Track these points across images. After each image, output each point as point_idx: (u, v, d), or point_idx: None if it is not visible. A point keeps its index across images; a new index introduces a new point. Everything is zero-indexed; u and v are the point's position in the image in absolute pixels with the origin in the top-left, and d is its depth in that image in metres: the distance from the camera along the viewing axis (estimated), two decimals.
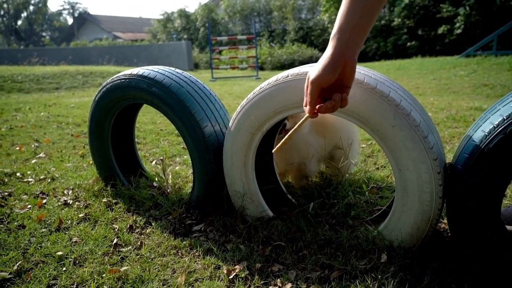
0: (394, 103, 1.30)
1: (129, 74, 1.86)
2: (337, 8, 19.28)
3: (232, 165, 1.66)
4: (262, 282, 1.28)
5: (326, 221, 1.70)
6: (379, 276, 1.26)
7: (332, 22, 20.20)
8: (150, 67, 1.88)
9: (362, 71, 1.39)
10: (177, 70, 1.90)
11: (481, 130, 1.30)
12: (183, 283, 1.26)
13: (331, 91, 1.03)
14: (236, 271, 1.33)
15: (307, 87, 1.05)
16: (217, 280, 1.28)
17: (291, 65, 15.68)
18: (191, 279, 1.29)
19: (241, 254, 1.44)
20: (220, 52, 15.83)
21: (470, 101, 5.43)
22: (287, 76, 1.46)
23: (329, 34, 19.33)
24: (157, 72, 1.82)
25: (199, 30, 26.54)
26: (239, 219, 1.68)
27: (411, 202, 1.36)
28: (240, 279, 1.29)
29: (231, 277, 1.30)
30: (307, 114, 1.08)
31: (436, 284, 1.23)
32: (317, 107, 1.05)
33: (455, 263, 1.33)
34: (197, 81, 1.88)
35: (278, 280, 1.28)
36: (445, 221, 1.68)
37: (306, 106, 1.07)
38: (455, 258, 1.36)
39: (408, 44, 17.55)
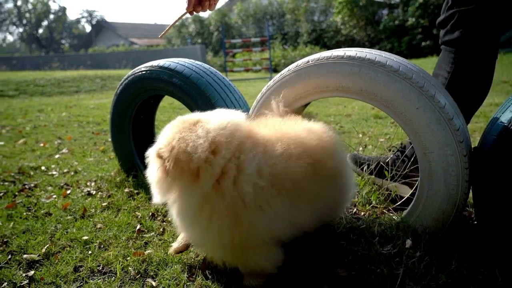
0: (418, 85, 1.28)
1: (150, 66, 1.89)
2: (350, 10, 19.23)
3: None
4: (287, 265, 1.27)
5: (347, 209, 1.69)
6: (405, 260, 1.24)
7: (345, 23, 20.11)
8: (171, 59, 1.91)
9: (384, 54, 1.38)
10: (197, 62, 1.92)
11: (510, 111, 1.27)
12: (204, 268, 1.27)
13: None
14: None
15: None
16: None
17: None
18: (211, 265, 1.30)
19: None
20: (234, 55, 15.94)
21: (490, 97, 5.29)
22: (308, 61, 1.46)
23: (342, 35, 19.11)
24: (177, 63, 1.85)
25: (213, 34, 26.77)
26: None
27: (437, 187, 1.34)
28: None
29: None
30: (185, 11, 1.48)
31: (465, 268, 1.20)
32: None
33: (482, 248, 1.30)
34: (216, 72, 1.90)
35: (303, 263, 1.27)
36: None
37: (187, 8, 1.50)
38: (482, 243, 1.33)
39: (423, 44, 17.29)
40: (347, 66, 1.36)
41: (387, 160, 1.78)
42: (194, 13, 1.53)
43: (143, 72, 1.90)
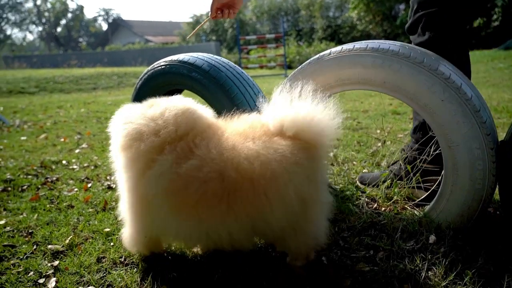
0: (443, 76, 1.25)
1: (170, 60, 1.90)
2: (366, 5, 18.92)
3: None
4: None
5: (368, 204, 1.67)
6: (429, 256, 1.22)
7: (361, 19, 19.82)
8: (190, 53, 1.92)
9: (408, 46, 1.35)
10: (216, 56, 1.92)
11: None
12: None
13: (226, 7, 1.55)
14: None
15: (212, 2, 1.57)
16: (258, 254, 1.28)
17: None
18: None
19: None
20: (248, 52, 15.92)
21: None
22: (329, 53, 1.44)
23: (358, 31, 18.81)
24: (197, 57, 1.85)
25: (227, 31, 26.79)
26: None
27: (462, 181, 1.30)
28: (285, 256, 1.28)
29: (273, 254, 1.30)
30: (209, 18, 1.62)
31: (491, 265, 1.17)
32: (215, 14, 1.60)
33: (509, 245, 1.26)
34: (235, 66, 1.89)
35: (324, 258, 1.26)
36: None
37: (211, 15, 1.62)
38: (509, 239, 1.29)
39: None
40: (369, 58, 1.34)
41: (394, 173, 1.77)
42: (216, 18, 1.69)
43: (162, 67, 1.91)
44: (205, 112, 1.24)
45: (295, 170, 1.03)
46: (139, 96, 2.08)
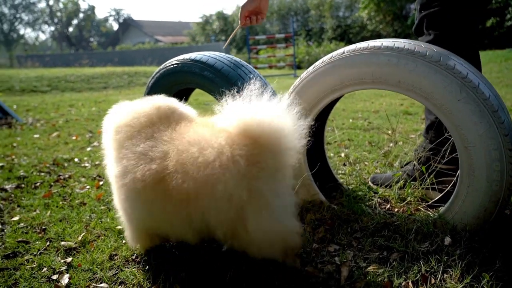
0: (460, 75, 1.23)
1: (182, 59, 1.91)
2: (376, 4, 18.75)
3: None
4: (319, 260, 1.25)
5: (380, 205, 1.65)
6: (444, 258, 1.20)
7: (371, 19, 19.66)
8: (202, 52, 1.92)
9: (423, 45, 1.33)
10: (227, 55, 1.92)
11: None
12: None
13: (254, 13, 1.62)
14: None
15: (240, 10, 1.67)
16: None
17: None
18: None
19: None
20: (258, 52, 15.92)
21: None
22: (343, 52, 1.43)
23: (368, 31, 18.65)
24: (209, 56, 1.85)
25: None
26: None
27: (478, 182, 1.28)
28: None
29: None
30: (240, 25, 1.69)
31: (510, 268, 1.15)
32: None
33: None
34: (247, 64, 1.89)
35: (336, 258, 1.25)
36: None
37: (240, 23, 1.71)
38: None
39: None
40: (384, 57, 1.32)
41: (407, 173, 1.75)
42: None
43: (174, 65, 1.92)
44: (185, 109, 1.31)
45: (229, 168, 0.96)
46: (151, 94, 2.08)
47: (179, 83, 1.94)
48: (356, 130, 3.34)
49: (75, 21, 43.23)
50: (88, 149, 3.01)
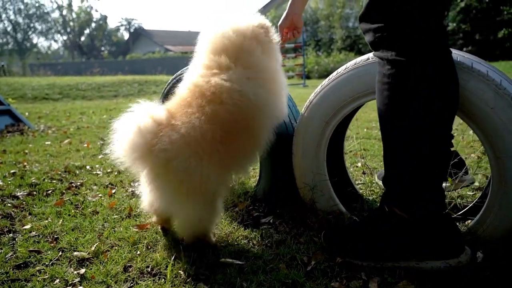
0: (493, 82, 1.17)
1: None
2: None
3: (302, 156, 1.59)
4: (344, 275, 1.19)
5: None
6: (477, 274, 1.12)
7: None
8: None
9: (454, 51, 1.28)
10: None
11: None
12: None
13: (291, 29, 1.69)
14: (313, 262, 1.25)
15: (278, 29, 1.69)
16: (294, 270, 1.21)
17: None
18: (267, 267, 1.24)
19: (316, 247, 1.36)
20: None
21: None
22: (367, 59, 1.38)
23: None
24: None
25: None
26: (309, 213, 1.60)
27: (511, 195, 1.21)
28: (319, 271, 1.20)
29: (309, 268, 1.22)
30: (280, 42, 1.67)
31: None
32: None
33: None
34: None
35: (362, 273, 1.18)
36: None
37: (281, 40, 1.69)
38: None
39: (464, 49, 16.54)
40: None
41: None
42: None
43: None
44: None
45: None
46: (167, 100, 2.05)
47: None
48: (371, 139, 3.27)
49: (87, 31, 44.02)
50: (100, 156, 2.99)
